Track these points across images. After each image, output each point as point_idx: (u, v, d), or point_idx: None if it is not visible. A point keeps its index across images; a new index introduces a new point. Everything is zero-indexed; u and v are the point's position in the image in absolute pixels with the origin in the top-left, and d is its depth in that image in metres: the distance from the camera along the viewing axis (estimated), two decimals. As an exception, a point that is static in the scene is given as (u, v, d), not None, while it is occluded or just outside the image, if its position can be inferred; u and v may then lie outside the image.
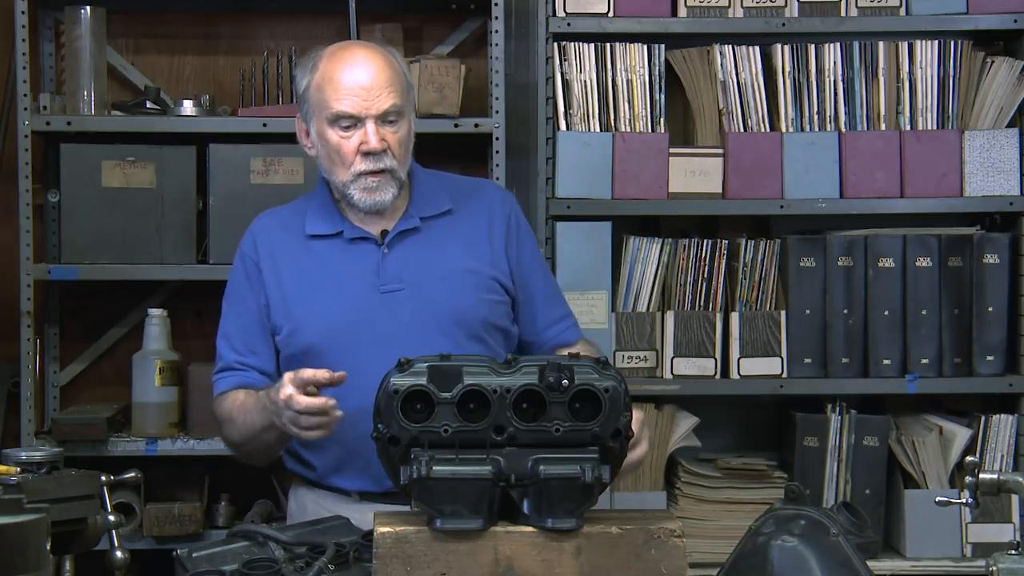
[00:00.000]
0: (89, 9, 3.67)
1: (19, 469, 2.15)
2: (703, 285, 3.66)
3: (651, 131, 3.65)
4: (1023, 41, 3.75)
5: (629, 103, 3.65)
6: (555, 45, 3.63)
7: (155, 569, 3.59)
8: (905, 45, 3.69)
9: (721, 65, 3.67)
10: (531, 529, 2.15)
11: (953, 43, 3.68)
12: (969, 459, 2.28)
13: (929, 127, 3.69)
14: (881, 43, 3.69)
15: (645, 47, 3.65)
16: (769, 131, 3.68)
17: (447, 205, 2.75)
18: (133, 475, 2.39)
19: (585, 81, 3.64)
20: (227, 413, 2.66)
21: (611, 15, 3.65)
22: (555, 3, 3.64)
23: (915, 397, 3.74)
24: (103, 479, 2.26)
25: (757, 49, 3.69)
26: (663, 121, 3.66)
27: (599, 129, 3.65)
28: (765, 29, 3.68)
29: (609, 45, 3.64)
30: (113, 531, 2.27)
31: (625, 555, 2.14)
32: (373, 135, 2.60)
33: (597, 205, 3.62)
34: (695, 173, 3.65)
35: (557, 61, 3.63)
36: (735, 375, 3.66)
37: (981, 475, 2.25)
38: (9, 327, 3.67)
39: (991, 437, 3.66)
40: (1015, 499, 3.46)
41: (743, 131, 3.67)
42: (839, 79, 3.68)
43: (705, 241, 3.67)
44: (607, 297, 3.61)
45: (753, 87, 3.68)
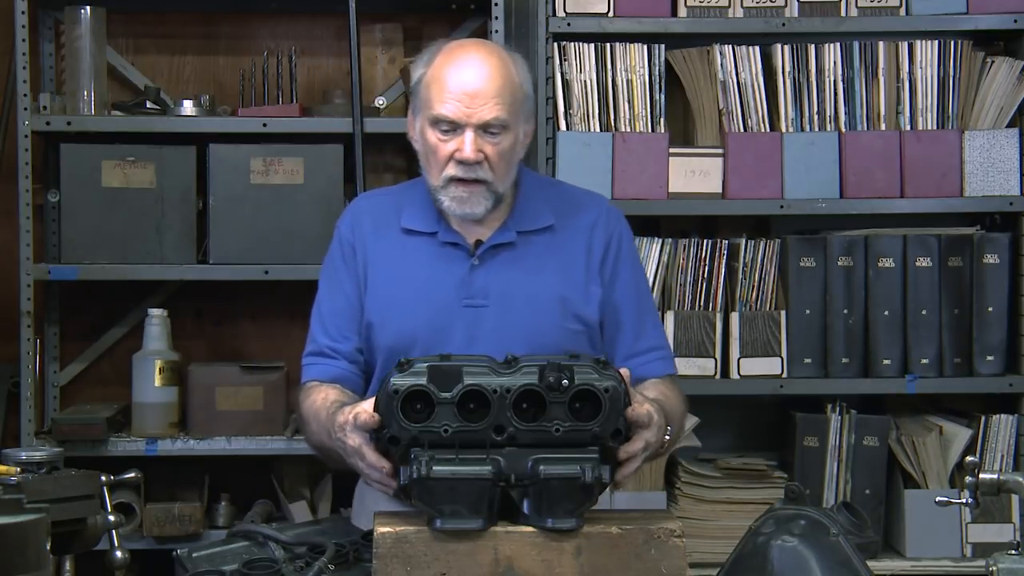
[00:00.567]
0: (89, 9, 3.67)
1: (19, 469, 2.14)
2: (703, 285, 3.66)
3: (651, 131, 3.65)
4: (1023, 41, 3.75)
5: (629, 103, 3.66)
6: (555, 45, 3.63)
7: (155, 569, 3.59)
8: (905, 45, 3.69)
9: (721, 65, 3.67)
10: (531, 529, 2.15)
11: (953, 43, 3.68)
12: (969, 459, 2.28)
13: (929, 127, 3.69)
14: (881, 43, 3.69)
15: (645, 47, 3.65)
16: (769, 131, 3.68)
17: (548, 220, 2.62)
18: (133, 475, 2.39)
19: (585, 81, 3.64)
20: (306, 414, 2.58)
21: (611, 15, 3.65)
22: (555, 3, 3.64)
23: (915, 397, 3.74)
24: (103, 479, 2.26)
25: (757, 49, 3.69)
26: (663, 121, 3.66)
27: (599, 129, 3.65)
28: (765, 29, 3.68)
29: (609, 45, 3.64)
30: (113, 531, 2.27)
31: (625, 555, 2.14)
32: (469, 144, 2.49)
33: (597, 205, 3.62)
34: (695, 173, 3.66)
35: (557, 61, 3.63)
36: (735, 375, 3.66)
37: (981, 475, 2.25)
38: (9, 327, 3.67)
39: (991, 437, 3.66)
40: (1015, 499, 3.45)
41: (743, 131, 3.67)
42: (839, 79, 3.68)
43: (705, 241, 3.67)
44: (607, 297, 3.61)
45: (753, 87, 3.68)
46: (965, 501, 2.32)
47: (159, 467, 3.65)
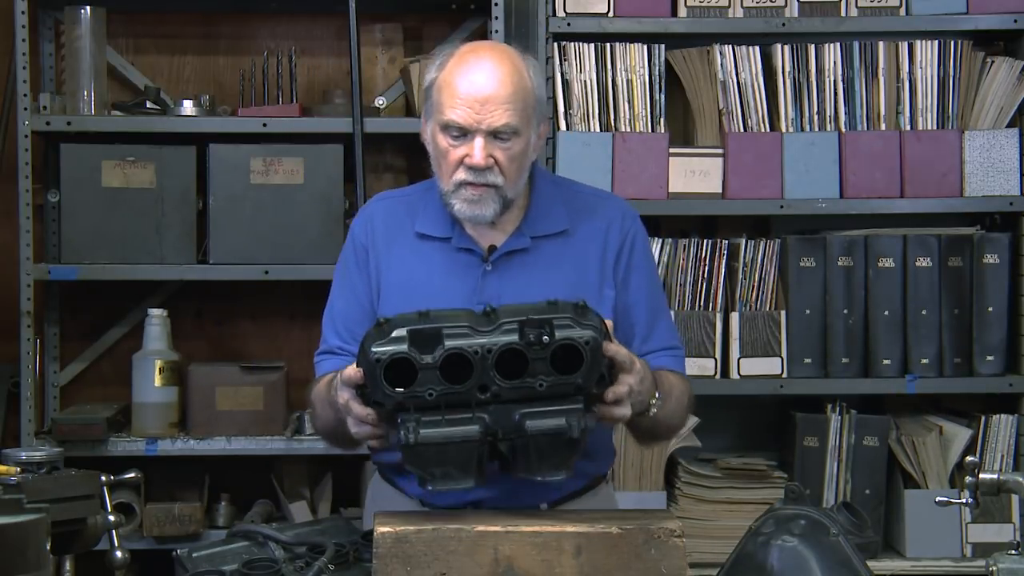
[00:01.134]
0: (89, 9, 3.67)
1: (19, 469, 2.15)
2: (703, 285, 3.66)
3: (651, 131, 3.65)
4: (1023, 41, 3.75)
5: (629, 103, 3.66)
6: (555, 45, 3.63)
7: (155, 569, 3.59)
8: (905, 45, 3.69)
9: (721, 65, 3.67)
10: (531, 529, 2.15)
11: (953, 43, 3.68)
12: (969, 459, 2.28)
13: (929, 127, 3.69)
14: (881, 43, 3.69)
15: (645, 47, 3.65)
16: (769, 131, 3.68)
17: (563, 225, 2.59)
18: (133, 475, 2.39)
19: (585, 81, 3.64)
20: (314, 399, 2.59)
21: (611, 15, 3.65)
22: (555, 3, 3.64)
23: (915, 397, 3.74)
24: (103, 479, 2.26)
25: (757, 49, 3.69)
26: (663, 121, 3.66)
27: (599, 129, 3.65)
28: (765, 29, 3.68)
29: (609, 45, 3.64)
30: (113, 531, 2.27)
31: (625, 555, 2.14)
32: (479, 150, 2.45)
33: (597, 205, 3.62)
34: (695, 173, 3.66)
35: (557, 61, 3.63)
36: (735, 375, 3.66)
37: (981, 475, 2.25)
38: (9, 327, 3.67)
39: (991, 437, 3.66)
40: (1015, 499, 3.46)
41: (743, 131, 3.67)
42: (839, 79, 3.68)
43: (705, 241, 3.67)
44: (607, 297, 3.61)
45: (753, 87, 3.68)
46: (965, 501, 2.32)
47: (159, 467, 3.65)
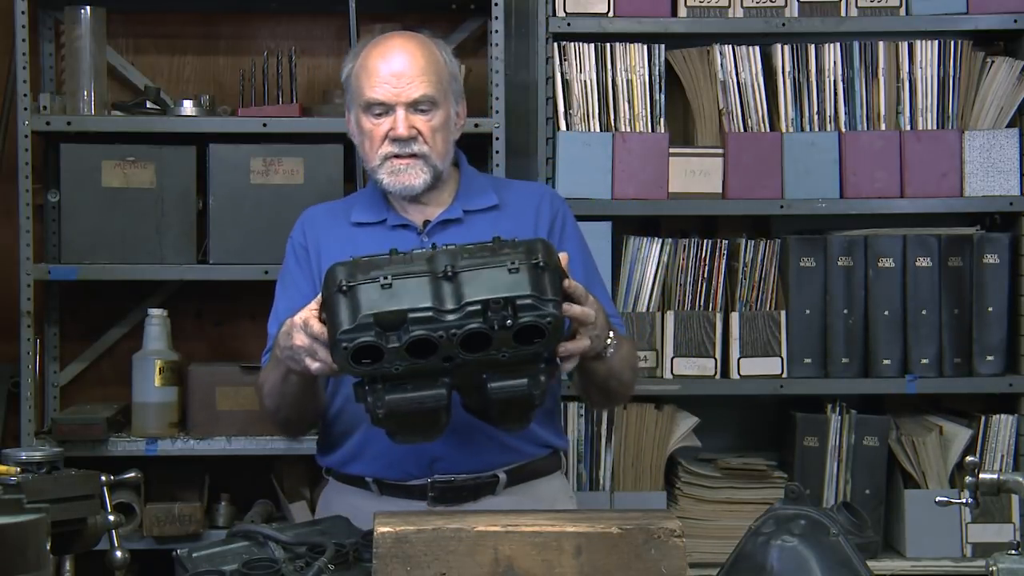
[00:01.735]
0: (89, 9, 3.67)
1: (19, 469, 2.14)
2: (703, 285, 3.66)
3: (651, 131, 3.65)
4: (1023, 41, 3.75)
5: (629, 103, 3.66)
6: (555, 45, 3.63)
7: (155, 569, 3.59)
8: (905, 45, 3.69)
9: (721, 65, 3.67)
10: (531, 529, 2.15)
11: (953, 43, 3.68)
12: (969, 459, 2.28)
13: (929, 127, 3.69)
14: (881, 43, 3.69)
15: (645, 47, 3.66)
16: (769, 131, 3.68)
17: (493, 201, 2.75)
18: (133, 475, 2.39)
19: (585, 81, 3.64)
20: (259, 383, 2.70)
21: (611, 15, 3.65)
22: (555, 3, 3.64)
23: (915, 397, 3.74)
24: (103, 479, 2.26)
25: (757, 49, 3.69)
26: (663, 121, 3.67)
27: (599, 129, 3.65)
28: (765, 29, 3.68)
29: (609, 45, 3.64)
30: (113, 531, 2.27)
31: (625, 555, 2.14)
32: (401, 121, 2.62)
33: (597, 205, 3.62)
34: (695, 173, 3.66)
35: (557, 61, 3.63)
36: (735, 375, 3.67)
37: (981, 475, 2.25)
38: (9, 327, 3.67)
39: (991, 437, 3.66)
40: (1015, 499, 3.45)
41: (743, 131, 3.67)
42: (839, 79, 3.68)
43: (705, 241, 3.67)
44: (607, 297, 3.61)
45: (753, 87, 3.68)
46: (965, 501, 2.32)
47: (159, 467, 3.65)
